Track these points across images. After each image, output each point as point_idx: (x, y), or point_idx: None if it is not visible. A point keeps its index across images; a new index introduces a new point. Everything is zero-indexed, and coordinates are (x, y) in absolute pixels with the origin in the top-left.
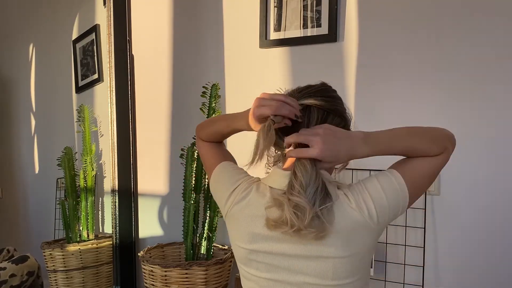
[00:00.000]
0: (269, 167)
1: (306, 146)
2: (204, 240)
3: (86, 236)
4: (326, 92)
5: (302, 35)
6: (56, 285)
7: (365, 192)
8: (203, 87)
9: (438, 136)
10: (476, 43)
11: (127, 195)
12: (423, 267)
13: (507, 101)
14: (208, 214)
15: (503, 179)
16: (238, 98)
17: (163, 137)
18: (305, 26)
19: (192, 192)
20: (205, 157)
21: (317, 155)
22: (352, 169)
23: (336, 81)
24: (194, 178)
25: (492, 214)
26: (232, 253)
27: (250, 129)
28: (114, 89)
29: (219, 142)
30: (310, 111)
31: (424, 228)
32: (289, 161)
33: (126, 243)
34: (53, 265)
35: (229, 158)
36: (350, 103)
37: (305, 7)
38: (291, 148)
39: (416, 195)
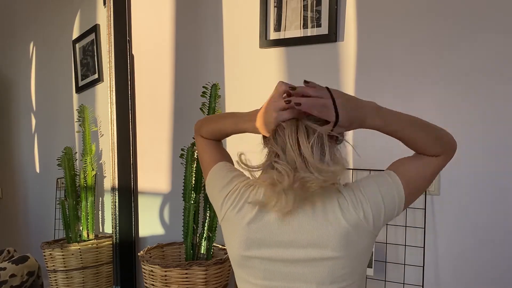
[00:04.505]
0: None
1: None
2: (204, 240)
3: (86, 236)
4: None
5: (302, 35)
6: (56, 285)
7: (362, 194)
8: (203, 87)
9: (443, 137)
10: (476, 42)
11: (127, 195)
12: (423, 267)
13: (507, 100)
14: (208, 214)
15: (503, 179)
16: (238, 98)
17: (163, 137)
18: (305, 26)
19: (192, 192)
20: (203, 156)
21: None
22: (352, 169)
23: (336, 81)
24: (194, 178)
25: (492, 213)
26: None
27: (256, 132)
28: (114, 89)
29: (218, 140)
30: None
31: (424, 228)
32: None
33: (126, 243)
34: (53, 265)
35: (227, 158)
36: None
37: (305, 7)
38: None
39: (413, 197)
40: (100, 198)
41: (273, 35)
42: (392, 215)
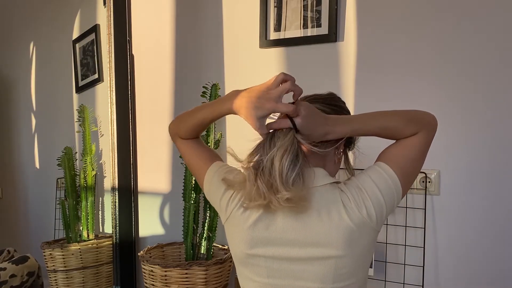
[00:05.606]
0: None
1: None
2: (204, 240)
3: (86, 236)
4: (333, 101)
5: (302, 35)
6: (56, 285)
7: (363, 192)
8: (203, 87)
9: (414, 116)
10: (477, 42)
11: (127, 195)
12: (423, 267)
13: (508, 99)
14: (208, 214)
15: (503, 179)
16: None
17: (163, 137)
18: (305, 26)
19: (192, 192)
20: (191, 160)
21: (298, 124)
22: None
23: (336, 81)
24: (194, 178)
25: (492, 214)
26: None
27: (235, 113)
28: (114, 89)
29: (197, 138)
30: None
31: (424, 228)
32: None
33: (126, 243)
34: (53, 265)
35: (216, 157)
36: (350, 103)
37: (305, 7)
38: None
39: (408, 182)
40: (100, 198)
41: (273, 35)
42: (392, 207)
